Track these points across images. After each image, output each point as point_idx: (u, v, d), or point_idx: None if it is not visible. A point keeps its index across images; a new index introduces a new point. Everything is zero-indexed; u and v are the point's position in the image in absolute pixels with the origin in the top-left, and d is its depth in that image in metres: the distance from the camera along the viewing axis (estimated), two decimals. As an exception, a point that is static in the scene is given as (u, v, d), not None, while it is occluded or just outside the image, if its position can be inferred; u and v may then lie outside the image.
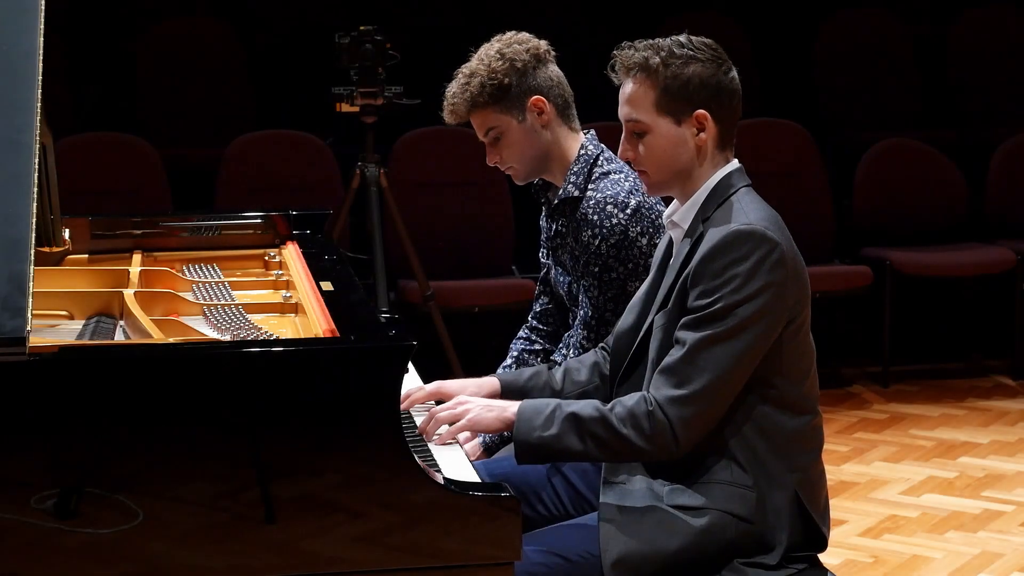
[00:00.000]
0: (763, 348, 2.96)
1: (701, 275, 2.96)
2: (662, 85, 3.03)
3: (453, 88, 3.66)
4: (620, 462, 3.06)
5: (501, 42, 3.67)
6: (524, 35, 3.70)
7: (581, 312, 3.60)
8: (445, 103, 3.67)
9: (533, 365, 3.80)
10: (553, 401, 3.03)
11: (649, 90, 3.04)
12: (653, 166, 3.07)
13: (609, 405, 2.99)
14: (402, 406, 3.27)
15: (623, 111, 3.08)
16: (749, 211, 3.00)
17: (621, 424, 2.96)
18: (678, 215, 3.10)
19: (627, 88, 3.07)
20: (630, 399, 2.99)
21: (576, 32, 7.51)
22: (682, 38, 3.07)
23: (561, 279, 3.71)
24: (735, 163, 3.10)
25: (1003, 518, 5.38)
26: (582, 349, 3.58)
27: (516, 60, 3.63)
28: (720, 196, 3.04)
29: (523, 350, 3.85)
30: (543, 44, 3.69)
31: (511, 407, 3.06)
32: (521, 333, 3.89)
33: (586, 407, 3.00)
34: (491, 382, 3.34)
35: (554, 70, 3.67)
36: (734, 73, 3.08)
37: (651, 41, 3.07)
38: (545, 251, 3.81)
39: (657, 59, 3.02)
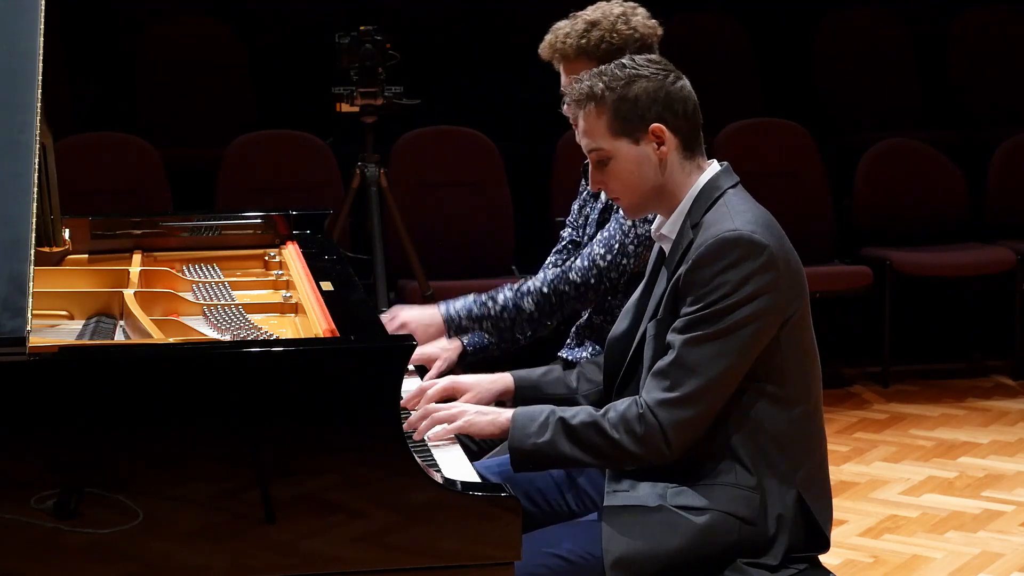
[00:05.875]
0: (755, 350, 2.96)
1: (691, 283, 2.96)
2: (612, 108, 3.04)
3: (567, 28, 3.62)
4: (614, 468, 3.06)
5: (625, 7, 3.65)
6: (644, 10, 3.68)
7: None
8: (551, 36, 3.63)
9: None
10: (547, 407, 3.04)
11: (601, 116, 3.05)
12: (624, 190, 3.08)
13: (602, 411, 3.00)
14: (419, 403, 3.28)
15: (583, 143, 3.11)
16: (736, 214, 3.00)
17: (613, 429, 2.97)
18: (666, 227, 3.10)
19: (581, 121, 3.08)
20: (622, 403, 2.99)
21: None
22: (625, 59, 3.09)
23: None
24: (716, 165, 3.10)
25: (1003, 518, 5.38)
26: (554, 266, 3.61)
27: (638, 30, 3.61)
28: (707, 200, 3.04)
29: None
30: (659, 28, 3.67)
31: (505, 413, 3.08)
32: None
33: (579, 412, 3.01)
34: (504, 378, 3.35)
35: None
36: (684, 82, 3.08)
37: (595, 69, 3.09)
38: (574, 230, 3.78)
39: (601, 85, 3.04)
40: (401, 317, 3.64)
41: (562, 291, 3.60)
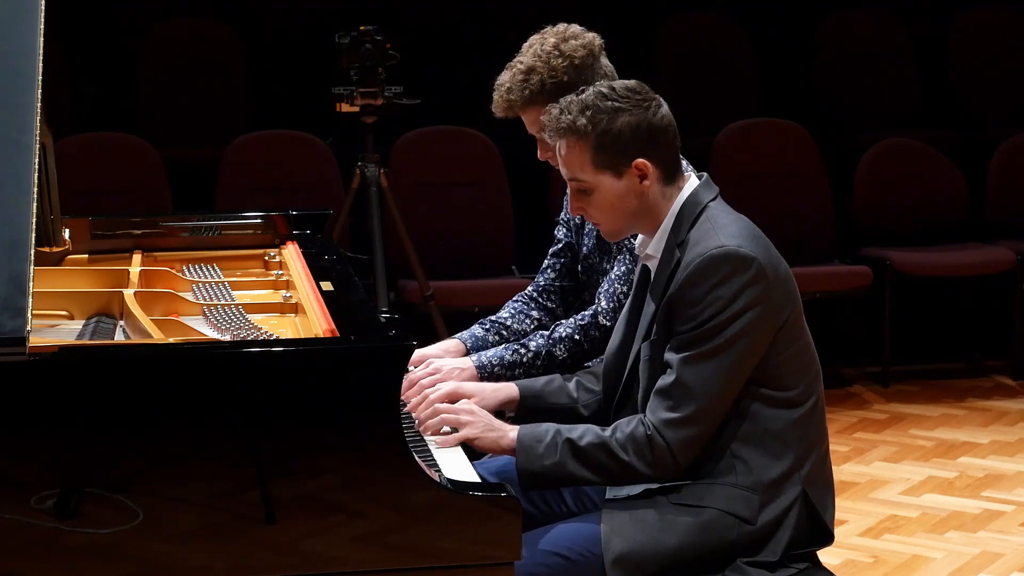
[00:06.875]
0: (752, 362, 2.98)
1: (683, 303, 2.98)
2: (595, 144, 3.03)
3: (508, 83, 3.58)
4: (622, 485, 3.07)
5: (556, 36, 3.60)
6: (576, 28, 3.64)
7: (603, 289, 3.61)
8: (497, 95, 3.59)
9: (525, 327, 3.76)
10: (552, 426, 3.05)
11: (583, 151, 3.04)
12: (604, 219, 3.09)
13: (608, 431, 3.02)
14: (421, 408, 3.27)
15: (564, 172, 3.10)
16: (720, 229, 3.01)
17: (622, 451, 2.98)
18: (651, 247, 3.10)
19: (562, 151, 3.07)
20: (628, 424, 3.01)
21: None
22: (604, 88, 3.07)
23: (606, 266, 3.67)
24: (695, 179, 3.10)
25: (1003, 518, 5.38)
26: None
27: (575, 57, 3.56)
28: (690, 216, 3.04)
29: (520, 311, 3.80)
30: (597, 38, 3.63)
31: (510, 434, 3.08)
32: (517, 298, 3.84)
33: (586, 433, 3.02)
34: (508, 387, 3.34)
35: (607, 64, 3.61)
36: (664, 109, 3.07)
37: (576, 98, 3.06)
38: (564, 228, 3.78)
39: (583, 119, 3.03)
40: (435, 364, 3.61)
41: (593, 336, 3.60)
